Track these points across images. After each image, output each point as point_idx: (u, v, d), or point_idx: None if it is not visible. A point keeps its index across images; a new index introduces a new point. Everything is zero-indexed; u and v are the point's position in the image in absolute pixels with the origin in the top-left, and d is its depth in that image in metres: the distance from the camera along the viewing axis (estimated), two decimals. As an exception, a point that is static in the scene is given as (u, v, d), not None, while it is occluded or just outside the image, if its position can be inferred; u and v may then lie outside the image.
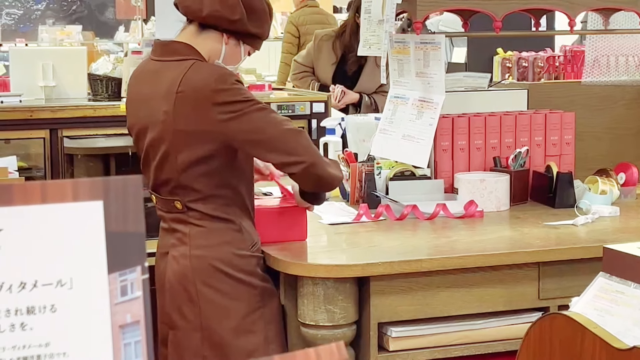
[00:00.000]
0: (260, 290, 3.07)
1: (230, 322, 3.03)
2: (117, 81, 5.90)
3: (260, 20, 3.13)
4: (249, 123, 2.94)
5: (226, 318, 3.02)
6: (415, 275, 3.03)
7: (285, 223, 3.23)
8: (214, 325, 3.02)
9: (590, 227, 3.44)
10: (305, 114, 5.79)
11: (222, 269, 3.02)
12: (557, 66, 4.83)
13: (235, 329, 3.03)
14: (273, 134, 2.95)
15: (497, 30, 3.82)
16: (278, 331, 3.12)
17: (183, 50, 3.06)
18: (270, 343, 3.07)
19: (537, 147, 3.94)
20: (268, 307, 3.09)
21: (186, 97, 2.95)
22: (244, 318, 3.04)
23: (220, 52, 3.10)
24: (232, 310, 3.03)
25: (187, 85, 2.95)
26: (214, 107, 2.92)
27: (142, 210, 1.18)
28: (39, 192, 1.14)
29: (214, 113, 2.92)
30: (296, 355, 1.17)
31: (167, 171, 3.04)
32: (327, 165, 3.06)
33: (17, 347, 1.14)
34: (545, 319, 2.09)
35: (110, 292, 1.16)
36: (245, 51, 3.17)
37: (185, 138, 2.97)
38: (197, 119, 2.94)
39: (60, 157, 5.50)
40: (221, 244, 3.03)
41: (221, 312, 3.02)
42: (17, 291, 1.14)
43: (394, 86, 3.98)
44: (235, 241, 3.05)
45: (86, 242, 1.16)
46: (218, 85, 2.93)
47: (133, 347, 1.16)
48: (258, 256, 3.09)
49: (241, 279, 3.04)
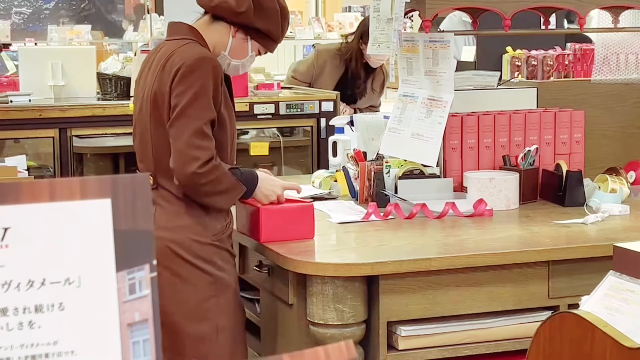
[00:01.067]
0: (215, 279, 3.15)
1: (182, 307, 3.11)
2: (126, 80, 5.90)
3: (269, 18, 3.19)
4: (178, 111, 3.05)
5: (179, 302, 3.11)
6: (424, 274, 3.03)
7: (293, 221, 3.23)
8: (167, 307, 3.07)
9: (600, 225, 3.43)
10: (314, 113, 5.78)
11: (179, 253, 3.11)
12: (566, 64, 4.81)
13: (187, 314, 3.11)
14: (180, 142, 3.04)
15: (506, 28, 3.81)
16: (232, 322, 3.18)
17: (185, 31, 3.21)
18: (220, 332, 3.14)
19: (546, 145, 3.93)
20: (222, 297, 3.16)
21: (164, 71, 3.10)
22: (196, 304, 3.13)
23: (226, 44, 3.22)
24: (185, 294, 3.11)
25: (171, 61, 3.10)
26: (173, 87, 3.07)
27: (150, 208, 1.18)
28: (47, 190, 1.14)
29: (171, 93, 3.07)
30: (305, 354, 1.16)
31: (145, 143, 3.18)
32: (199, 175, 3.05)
33: (26, 345, 1.14)
34: (555, 317, 2.09)
35: (118, 290, 1.16)
36: (253, 48, 3.25)
37: (157, 109, 3.12)
38: (164, 92, 3.09)
39: (70, 156, 5.50)
40: (181, 227, 3.12)
41: (175, 296, 3.10)
42: (25, 289, 1.14)
43: (402, 85, 3.98)
44: (195, 227, 3.13)
45: (94, 240, 1.15)
46: (186, 68, 3.05)
47: (141, 345, 1.16)
48: (218, 245, 3.17)
49: (197, 265, 3.12)
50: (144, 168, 3.23)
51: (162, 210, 3.14)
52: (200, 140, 3.04)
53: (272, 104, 5.75)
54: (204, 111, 3.06)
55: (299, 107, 5.75)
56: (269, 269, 3.27)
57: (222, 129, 3.16)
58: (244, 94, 5.77)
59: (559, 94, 4.24)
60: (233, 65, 3.28)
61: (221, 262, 3.17)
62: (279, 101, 5.77)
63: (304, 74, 6.11)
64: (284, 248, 3.11)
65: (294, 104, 5.75)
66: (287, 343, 3.21)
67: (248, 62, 3.32)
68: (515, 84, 4.47)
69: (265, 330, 3.41)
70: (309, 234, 3.24)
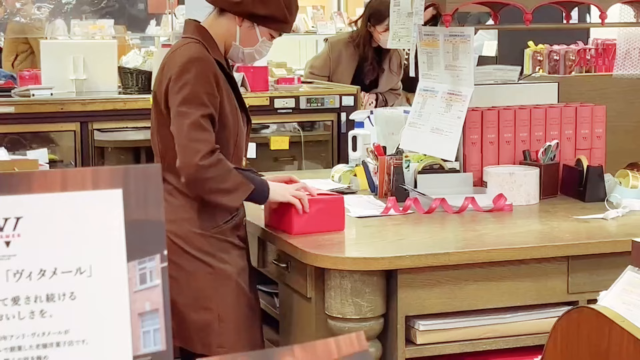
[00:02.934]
0: (214, 271, 3.21)
1: (185, 296, 3.18)
2: (147, 74, 5.91)
3: (268, 2, 3.24)
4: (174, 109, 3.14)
5: (182, 292, 3.17)
6: (443, 268, 3.02)
7: (324, 214, 3.25)
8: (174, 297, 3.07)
9: (621, 221, 3.41)
10: (334, 107, 5.77)
11: (180, 245, 3.19)
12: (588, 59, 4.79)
13: (190, 304, 3.19)
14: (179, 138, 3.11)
15: (527, 22, 3.79)
16: (235, 313, 3.23)
17: (192, 30, 3.30)
18: (222, 322, 3.20)
19: (567, 140, 3.91)
20: (222, 288, 3.21)
21: (163, 73, 3.22)
22: (197, 294, 3.19)
23: (235, 34, 3.28)
24: (187, 284, 3.18)
25: (169, 63, 3.21)
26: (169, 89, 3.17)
27: (162, 199, 1.18)
28: (59, 180, 1.14)
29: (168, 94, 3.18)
30: (316, 345, 1.16)
31: (154, 140, 3.31)
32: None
33: (37, 334, 1.14)
34: (572, 312, 2.07)
35: (129, 280, 1.16)
36: (262, 33, 3.30)
37: (157, 107, 3.24)
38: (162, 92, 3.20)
39: (91, 149, 5.51)
40: (182, 220, 3.19)
41: (177, 286, 3.15)
42: (37, 279, 1.14)
43: (422, 79, 3.96)
44: (196, 220, 3.20)
45: (105, 230, 1.16)
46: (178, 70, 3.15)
47: (152, 334, 1.16)
48: (219, 237, 3.22)
49: (197, 256, 3.20)
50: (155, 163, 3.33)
51: (166, 203, 3.16)
52: (198, 133, 3.09)
53: (292, 98, 5.74)
54: (197, 107, 3.11)
55: (320, 102, 5.74)
56: (287, 263, 3.27)
57: (224, 128, 3.20)
58: (264, 89, 5.77)
59: (580, 89, 4.22)
60: (247, 52, 3.33)
61: (222, 254, 3.23)
62: (300, 95, 5.76)
63: (322, 68, 6.10)
64: (303, 242, 3.11)
65: (315, 99, 5.75)
66: (305, 337, 3.21)
67: (262, 48, 3.35)
68: (536, 78, 4.45)
69: (284, 324, 3.41)
70: (339, 226, 3.27)
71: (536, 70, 4.88)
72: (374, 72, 5.97)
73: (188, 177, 3.09)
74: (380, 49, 5.89)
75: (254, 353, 1.12)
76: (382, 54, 5.93)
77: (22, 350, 1.13)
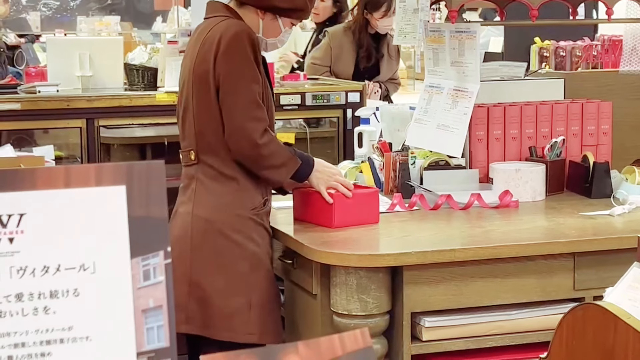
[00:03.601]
0: (251, 254, 3.20)
1: (217, 282, 3.17)
2: (153, 71, 5.91)
3: None
4: (228, 86, 3.15)
5: (214, 277, 3.17)
6: (448, 265, 3.01)
7: (362, 207, 3.30)
8: (203, 281, 3.16)
9: (627, 217, 3.40)
10: (340, 104, 5.76)
11: (218, 228, 3.18)
12: (594, 55, 4.77)
13: (221, 290, 3.17)
14: (235, 117, 3.14)
15: (533, 19, 3.78)
16: (264, 299, 3.22)
17: (221, 9, 3.31)
18: (252, 308, 3.18)
19: (573, 136, 3.90)
20: (255, 274, 3.20)
21: (204, 48, 3.19)
22: (231, 279, 3.18)
23: (258, 26, 3.30)
24: (221, 270, 3.17)
25: (210, 37, 3.19)
26: (216, 63, 3.15)
27: (165, 195, 1.18)
28: (62, 177, 1.14)
29: (215, 69, 3.15)
30: (320, 342, 1.16)
31: (188, 121, 3.25)
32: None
33: (41, 330, 1.14)
34: (578, 309, 2.07)
35: (132, 276, 1.16)
36: (285, 24, 3.34)
37: (200, 86, 3.20)
38: (207, 69, 3.17)
39: (97, 146, 5.51)
40: (221, 203, 3.19)
41: (211, 270, 3.16)
42: (40, 275, 1.14)
43: (429, 75, 3.96)
44: (236, 202, 3.20)
45: (109, 227, 1.15)
46: (226, 43, 3.13)
47: (155, 331, 1.16)
48: (256, 221, 3.23)
49: (236, 240, 3.18)
50: (186, 146, 3.28)
51: (203, 186, 3.21)
52: (255, 111, 3.13)
53: (298, 94, 5.73)
54: (252, 82, 3.14)
55: (325, 98, 5.73)
56: (293, 260, 3.27)
57: (265, 104, 3.23)
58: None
59: (587, 85, 4.21)
60: (270, 43, 3.38)
61: (258, 237, 3.23)
62: (305, 92, 5.75)
63: (323, 58, 6.13)
64: (308, 239, 3.11)
65: (320, 95, 5.74)
66: (310, 333, 3.20)
67: (284, 37, 3.40)
68: (543, 74, 4.44)
69: (289, 320, 3.41)
70: (374, 219, 3.31)
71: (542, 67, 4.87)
72: (373, 57, 6.01)
73: (246, 154, 3.15)
74: (378, 35, 5.96)
75: (258, 349, 1.12)
76: (380, 39, 6.00)
77: (26, 347, 1.13)
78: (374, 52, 6.00)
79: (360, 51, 5.99)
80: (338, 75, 6.11)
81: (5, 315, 1.12)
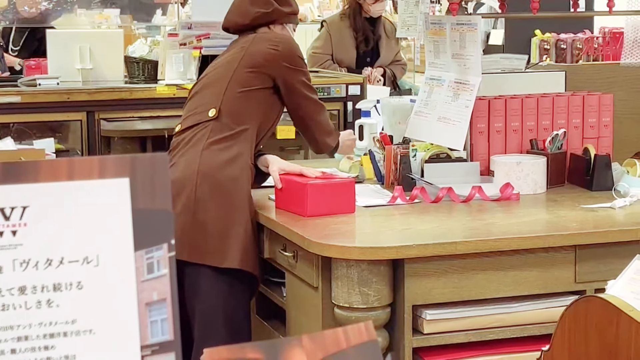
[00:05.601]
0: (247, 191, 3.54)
1: (217, 212, 3.48)
2: (154, 64, 5.90)
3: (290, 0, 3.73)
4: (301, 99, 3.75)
5: (215, 209, 3.48)
6: (450, 257, 3.01)
7: (336, 196, 3.34)
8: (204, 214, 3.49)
9: (628, 210, 3.40)
10: (340, 97, 5.76)
11: (222, 182, 3.50)
12: (595, 48, 4.77)
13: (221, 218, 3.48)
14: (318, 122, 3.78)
15: (534, 11, 3.78)
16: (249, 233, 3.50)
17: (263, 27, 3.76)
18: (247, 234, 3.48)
19: (574, 129, 3.90)
20: (250, 208, 3.52)
21: (255, 42, 3.64)
22: (229, 210, 3.49)
23: None
24: (221, 201, 3.49)
25: (261, 37, 3.68)
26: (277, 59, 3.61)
27: (169, 188, 1.17)
28: (65, 169, 1.14)
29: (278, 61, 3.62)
30: (325, 335, 1.15)
31: (217, 89, 3.61)
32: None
33: (44, 323, 1.14)
34: (580, 301, 2.07)
35: (136, 269, 1.16)
36: (291, 30, 3.75)
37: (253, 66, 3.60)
38: (261, 52, 3.62)
39: (97, 139, 5.51)
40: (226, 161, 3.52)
41: (212, 205, 3.48)
42: (44, 268, 1.13)
43: (429, 68, 3.95)
44: (245, 153, 3.56)
45: (112, 219, 1.15)
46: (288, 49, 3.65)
47: (160, 324, 1.16)
48: (251, 167, 3.59)
49: (235, 177, 3.51)
50: (206, 103, 3.62)
51: (213, 145, 3.54)
52: (327, 117, 3.87)
53: (298, 87, 5.73)
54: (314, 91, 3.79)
55: (326, 91, 5.73)
56: (294, 253, 3.27)
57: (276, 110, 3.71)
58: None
59: (588, 78, 4.20)
60: None
61: (248, 182, 3.55)
62: (306, 85, 5.75)
63: (323, 47, 6.16)
64: (310, 231, 3.11)
65: (321, 88, 5.73)
66: (311, 326, 3.20)
67: None
68: (544, 67, 4.43)
69: (291, 314, 3.41)
70: (350, 209, 3.35)
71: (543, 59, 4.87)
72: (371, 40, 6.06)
73: (324, 151, 3.85)
74: (372, 18, 6.03)
75: (262, 343, 1.11)
76: (375, 22, 6.07)
77: (29, 340, 1.13)
78: (372, 35, 6.05)
79: (358, 35, 6.04)
80: (340, 62, 6.13)
81: (8, 308, 1.12)
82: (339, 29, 6.11)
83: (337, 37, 6.10)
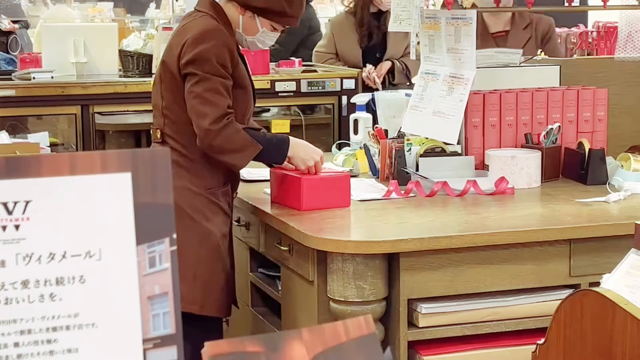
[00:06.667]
0: (200, 228, 3.29)
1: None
2: (148, 57, 5.90)
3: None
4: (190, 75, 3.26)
5: None
6: (445, 251, 3.02)
7: (331, 190, 3.34)
8: None
9: (623, 204, 3.41)
10: (335, 91, 5.77)
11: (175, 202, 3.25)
12: (590, 42, 4.78)
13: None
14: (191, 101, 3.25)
15: (529, 5, 3.78)
16: (208, 274, 3.29)
17: (206, 5, 3.39)
18: (196, 279, 3.25)
19: (569, 123, 3.91)
20: (204, 248, 3.29)
21: (174, 41, 3.33)
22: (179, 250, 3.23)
23: (238, 21, 3.39)
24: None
25: (182, 32, 3.33)
26: (181, 56, 3.27)
27: (171, 182, 1.18)
28: (67, 164, 1.14)
29: (180, 61, 3.28)
30: (324, 328, 1.16)
31: (157, 101, 3.39)
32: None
33: (47, 317, 1.14)
34: (576, 295, 2.08)
35: (138, 263, 1.16)
36: (262, 24, 3.40)
37: (166, 74, 3.33)
38: (173, 60, 3.30)
39: (92, 133, 5.51)
40: (178, 176, 3.23)
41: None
42: (47, 262, 1.14)
43: (424, 62, 3.96)
44: (191, 178, 3.30)
45: (115, 214, 1.16)
46: (192, 39, 3.25)
47: (161, 318, 1.17)
48: (210, 199, 3.33)
49: (186, 212, 3.26)
50: (156, 123, 3.42)
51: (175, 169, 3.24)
52: (211, 96, 3.21)
53: (293, 81, 5.74)
54: (212, 74, 3.22)
55: (321, 85, 5.74)
56: (289, 246, 3.28)
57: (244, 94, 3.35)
58: (265, 72, 5.76)
59: (582, 72, 4.21)
60: (249, 41, 3.45)
61: (209, 213, 3.31)
62: (300, 79, 5.76)
63: (327, 45, 6.14)
64: (305, 225, 3.12)
65: (316, 82, 5.74)
66: (307, 320, 3.21)
67: (264, 38, 3.45)
68: (538, 61, 4.44)
69: (286, 307, 3.41)
70: (345, 203, 3.35)
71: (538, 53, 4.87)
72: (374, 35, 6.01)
73: (200, 140, 3.24)
74: (379, 12, 5.96)
75: (262, 336, 1.12)
76: (382, 17, 6.00)
77: (32, 334, 1.14)
78: (375, 30, 6.00)
79: (361, 31, 5.99)
80: (345, 59, 6.11)
81: (11, 302, 1.13)
82: (340, 26, 6.09)
83: (338, 34, 6.07)
